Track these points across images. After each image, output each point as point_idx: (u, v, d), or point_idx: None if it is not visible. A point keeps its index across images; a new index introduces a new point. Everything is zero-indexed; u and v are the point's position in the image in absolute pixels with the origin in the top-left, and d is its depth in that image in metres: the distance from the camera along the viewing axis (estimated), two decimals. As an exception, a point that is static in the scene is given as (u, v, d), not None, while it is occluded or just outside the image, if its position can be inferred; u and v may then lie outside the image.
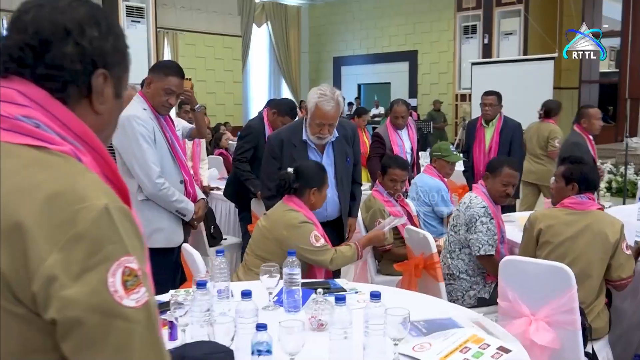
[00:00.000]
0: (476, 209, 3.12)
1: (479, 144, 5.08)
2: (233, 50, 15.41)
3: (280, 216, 2.78)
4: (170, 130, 3.16)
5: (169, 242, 3.06)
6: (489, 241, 3.08)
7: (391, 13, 16.83)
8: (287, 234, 2.70)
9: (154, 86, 3.02)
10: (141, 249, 0.90)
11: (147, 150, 2.94)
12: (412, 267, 3.11)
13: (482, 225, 3.08)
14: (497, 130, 5.03)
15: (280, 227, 2.73)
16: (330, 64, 18.75)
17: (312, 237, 2.70)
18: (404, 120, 4.99)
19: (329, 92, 3.02)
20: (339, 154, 3.21)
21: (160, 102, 3.02)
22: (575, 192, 2.82)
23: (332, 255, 2.75)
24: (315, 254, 2.71)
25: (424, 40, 16.14)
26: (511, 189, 3.19)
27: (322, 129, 3.04)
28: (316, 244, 2.71)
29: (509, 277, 2.57)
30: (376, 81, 17.78)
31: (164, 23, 13.56)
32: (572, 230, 2.73)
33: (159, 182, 2.95)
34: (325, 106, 2.99)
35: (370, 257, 3.75)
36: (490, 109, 5.03)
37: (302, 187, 2.80)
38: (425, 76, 16.33)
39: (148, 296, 0.87)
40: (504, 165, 3.21)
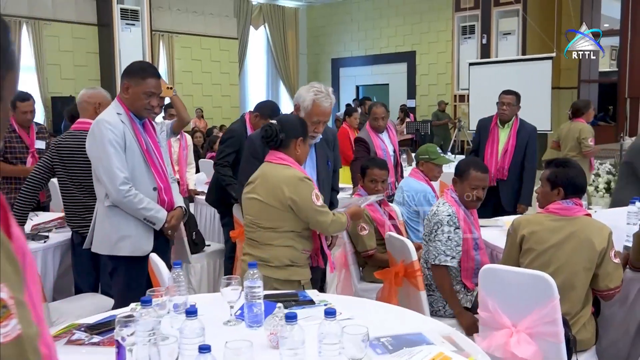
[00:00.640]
0: (440, 216, 3.00)
1: (492, 144, 4.85)
2: (230, 53, 15.32)
3: (276, 176, 2.65)
4: (149, 136, 3.06)
5: (136, 251, 2.96)
6: (446, 251, 2.95)
7: (389, 14, 16.72)
8: (290, 193, 2.59)
9: (133, 91, 2.94)
10: (15, 273, 0.78)
11: (112, 155, 2.85)
12: (392, 276, 2.99)
13: (443, 233, 2.97)
14: (514, 132, 4.83)
15: (281, 186, 2.61)
16: (329, 65, 18.63)
17: (313, 195, 2.62)
18: (384, 122, 4.86)
19: (324, 89, 2.98)
20: (321, 157, 3.12)
21: (142, 106, 2.95)
22: (561, 197, 2.69)
23: (332, 217, 2.67)
24: (319, 213, 2.62)
25: (422, 40, 16.02)
26: (481, 192, 3.05)
27: (317, 126, 2.97)
28: (317, 203, 2.62)
29: (489, 286, 2.45)
30: (374, 82, 17.66)
31: (159, 26, 13.48)
32: (556, 237, 2.60)
33: (122, 189, 2.85)
34: (324, 102, 2.94)
35: (353, 264, 3.64)
36: (507, 108, 4.80)
37: (288, 137, 2.69)
38: (423, 77, 16.21)
39: (21, 329, 0.75)
40: (470, 167, 3.07)
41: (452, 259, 2.94)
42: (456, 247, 2.95)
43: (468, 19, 14.18)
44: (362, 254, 3.56)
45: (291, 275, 2.67)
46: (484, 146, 4.91)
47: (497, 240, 3.27)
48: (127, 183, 2.87)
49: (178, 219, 3.14)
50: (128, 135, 2.93)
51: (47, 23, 11.78)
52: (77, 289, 3.50)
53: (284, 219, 2.63)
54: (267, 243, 2.67)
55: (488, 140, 4.87)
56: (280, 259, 2.65)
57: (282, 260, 2.65)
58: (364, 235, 3.51)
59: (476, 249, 3.02)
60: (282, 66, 17.90)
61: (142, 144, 2.97)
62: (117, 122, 2.91)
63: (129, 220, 2.94)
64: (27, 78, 11.58)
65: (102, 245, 3.01)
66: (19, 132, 4.49)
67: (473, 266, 2.97)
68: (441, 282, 2.95)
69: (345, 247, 3.62)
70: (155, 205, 2.99)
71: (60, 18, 11.99)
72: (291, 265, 2.67)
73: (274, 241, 2.66)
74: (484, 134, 4.95)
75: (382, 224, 3.57)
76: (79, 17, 12.26)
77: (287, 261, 2.66)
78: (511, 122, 4.87)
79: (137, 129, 2.97)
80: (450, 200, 3.05)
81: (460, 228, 2.99)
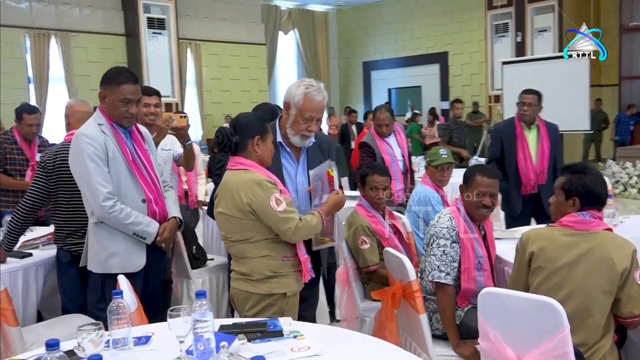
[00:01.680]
0: (438, 229, 2.71)
1: (523, 149, 4.45)
2: (258, 59, 15.19)
3: (233, 183, 2.40)
4: (136, 145, 2.88)
5: (126, 268, 2.76)
6: (440, 267, 2.65)
7: (420, 15, 16.36)
8: (246, 197, 2.34)
9: (109, 100, 2.78)
10: None
11: (93, 171, 2.68)
12: (389, 297, 2.70)
13: (438, 247, 2.67)
14: (545, 133, 4.48)
15: (238, 192, 2.36)
16: (360, 69, 18.37)
17: (272, 200, 2.33)
18: (388, 129, 4.52)
19: (316, 83, 2.70)
20: (313, 162, 2.82)
21: (120, 115, 2.77)
22: (577, 209, 2.36)
23: (297, 224, 2.37)
24: (279, 220, 2.34)
25: (455, 41, 15.60)
26: (489, 200, 2.74)
27: (310, 124, 2.68)
28: (277, 209, 2.33)
29: (489, 312, 2.14)
30: (407, 85, 17.29)
31: (186, 34, 13.45)
32: (570, 255, 2.27)
33: (105, 205, 2.67)
34: (317, 97, 2.66)
35: (356, 281, 3.35)
36: (529, 109, 4.46)
37: (243, 139, 2.43)
38: (456, 78, 15.77)
39: None
40: (476, 173, 2.77)
41: (447, 275, 2.64)
42: (451, 263, 2.65)
43: (501, 17, 13.74)
44: (364, 270, 3.28)
45: (274, 288, 2.43)
46: (513, 152, 4.50)
47: (510, 255, 2.94)
48: (111, 198, 2.69)
49: (171, 230, 2.95)
50: (111, 146, 2.75)
51: (75, 35, 11.85)
52: (64, 310, 3.32)
53: (250, 228, 2.39)
54: (244, 256, 2.45)
55: (517, 145, 4.48)
56: (260, 271, 2.42)
57: (262, 273, 2.42)
58: (365, 250, 3.23)
59: (479, 269, 2.70)
60: (312, 71, 17.71)
61: (126, 155, 2.79)
62: (96, 134, 2.74)
63: (116, 235, 2.77)
64: (56, 89, 11.70)
65: (93, 262, 2.84)
66: (20, 144, 4.39)
67: (474, 288, 2.65)
68: (443, 306, 2.64)
69: (347, 263, 3.34)
70: (144, 218, 2.81)
71: (88, 29, 12.05)
72: (273, 276, 2.43)
73: (249, 253, 2.43)
74: (507, 139, 4.55)
75: (385, 237, 3.28)
76: (106, 27, 12.31)
77: (268, 272, 2.42)
78: (536, 122, 4.52)
79: (120, 139, 2.80)
80: (454, 211, 2.75)
81: (459, 243, 2.68)
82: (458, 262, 2.67)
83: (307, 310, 2.88)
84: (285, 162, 2.75)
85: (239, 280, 2.48)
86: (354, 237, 3.25)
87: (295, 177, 2.75)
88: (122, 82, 2.74)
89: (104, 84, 2.77)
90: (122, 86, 2.73)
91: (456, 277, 2.68)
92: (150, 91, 3.83)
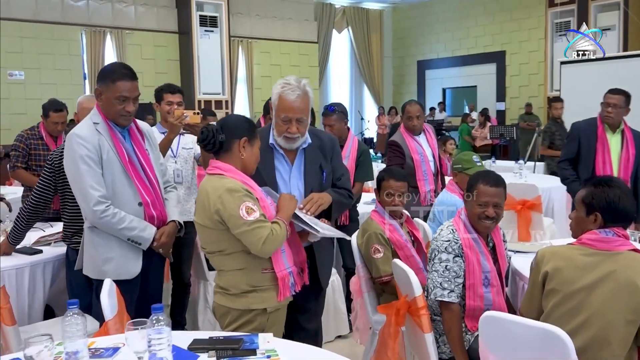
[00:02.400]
0: (439, 242, 2.50)
1: (604, 152, 4.14)
2: (309, 57, 15.10)
3: (205, 190, 2.24)
4: (135, 145, 2.78)
5: (121, 274, 2.67)
6: (443, 283, 2.44)
7: (477, 12, 15.85)
8: (214, 205, 2.17)
9: (105, 97, 2.68)
10: None
11: (85, 173, 2.59)
12: (393, 312, 2.51)
13: (440, 263, 2.45)
14: (631, 139, 4.15)
15: (208, 200, 2.20)
16: (414, 68, 17.98)
17: (242, 208, 2.14)
18: (419, 122, 4.30)
19: (294, 81, 2.51)
20: (311, 164, 2.63)
21: (116, 113, 2.67)
22: (599, 225, 2.11)
23: (268, 235, 2.15)
24: (248, 231, 2.13)
25: (513, 39, 15.02)
26: (492, 211, 2.51)
27: (289, 126, 2.48)
28: (247, 218, 2.13)
29: (491, 338, 1.93)
30: (462, 85, 16.81)
31: (238, 31, 13.51)
32: (589, 277, 2.03)
33: (97, 209, 2.58)
34: (290, 95, 2.46)
35: (368, 291, 3.17)
36: (613, 110, 4.11)
37: (229, 138, 2.28)
38: (514, 78, 15.19)
39: None
40: (479, 180, 2.55)
41: (451, 292, 2.43)
42: (455, 279, 2.44)
43: (563, 14, 13.16)
44: (377, 280, 3.09)
45: (252, 303, 2.25)
46: (592, 154, 4.18)
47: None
48: (103, 202, 2.60)
49: (169, 235, 2.82)
50: (105, 146, 2.66)
51: (130, 32, 12.08)
52: (72, 308, 3.29)
53: (223, 238, 2.23)
54: (220, 269, 2.30)
55: (597, 147, 4.15)
56: (238, 285, 2.25)
57: (239, 287, 2.25)
58: (378, 259, 3.04)
59: (486, 284, 2.47)
60: (366, 70, 17.49)
61: (122, 155, 2.69)
62: (90, 134, 2.65)
63: (111, 241, 2.68)
64: (110, 86, 11.94)
65: (88, 267, 2.78)
66: (46, 139, 4.43)
67: (481, 306, 2.43)
68: (449, 326, 2.43)
69: (359, 272, 3.16)
70: (140, 223, 2.70)
71: (143, 27, 12.27)
72: (251, 290, 2.25)
73: (225, 266, 2.28)
74: (586, 140, 4.21)
75: (400, 245, 3.08)
76: (160, 25, 12.50)
77: (246, 287, 2.25)
78: (621, 127, 4.17)
79: (116, 139, 2.69)
80: (457, 222, 2.53)
81: (463, 257, 2.46)
82: (463, 278, 2.45)
83: (310, 321, 2.72)
84: (278, 165, 2.59)
85: (218, 293, 2.34)
86: (367, 245, 3.07)
87: (289, 180, 2.59)
88: (118, 79, 2.62)
89: (99, 80, 2.68)
90: (117, 83, 2.62)
91: (462, 294, 2.47)
92: (173, 89, 3.76)
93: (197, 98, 12.37)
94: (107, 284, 2.26)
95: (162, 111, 3.70)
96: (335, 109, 4.19)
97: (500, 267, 2.58)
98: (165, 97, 3.68)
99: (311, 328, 2.72)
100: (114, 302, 2.20)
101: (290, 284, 2.30)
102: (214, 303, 2.38)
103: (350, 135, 4.23)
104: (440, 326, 2.53)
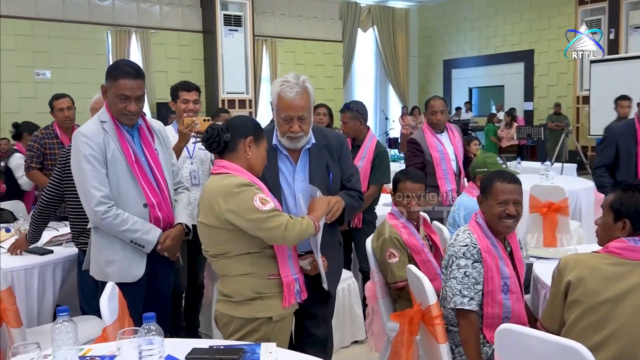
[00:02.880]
0: (456, 247, 2.37)
1: None
2: (334, 56, 15.00)
3: (212, 189, 2.17)
4: (144, 144, 2.71)
5: (123, 277, 2.60)
6: (462, 291, 2.31)
7: (505, 11, 15.56)
8: (226, 204, 2.09)
9: (109, 95, 2.62)
10: None
11: (88, 173, 2.53)
12: (406, 321, 2.40)
13: (459, 269, 2.32)
14: None
15: (216, 199, 2.12)
16: (440, 67, 17.75)
17: (255, 200, 2.07)
18: (442, 117, 4.17)
19: (292, 78, 2.41)
20: (316, 164, 2.53)
21: (118, 112, 2.61)
22: (627, 233, 1.98)
23: (287, 220, 2.09)
24: (267, 219, 2.06)
25: (541, 38, 14.70)
26: (513, 208, 2.39)
27: (291, 125, 2.39)
28: (263, 208, 2.07)
29: (507, 351, 1.81)
30: (488, 84, 16.53)
31: (263, 30, 13.48)
32: (615, 288, 1.90)
33: (98, 210, 2.51)
34: (288, 93, 2.36)
35: (383, 297, 3.06)
36: None
37: (235, 138, 2.21)
38: (542, 77, 14.87)
39: None
40: (494, 180, 2.43)
41: (471, 300, 2.30)
42: (475, 286, 2.31)
43: (593, 12, 12.84)
44: (392, 286, 2.98)
45: (257, 311, 2.15)
46: (633, 158, 3.94)
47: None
48: (105, 203, 2.53)
49: (174, 238, 2.73)
50: (111, 145, 2.59)
51: (155, 32, 12.14)
52: (82, 311, 3.25)
53: (229, 240, 2.14)
54: (223, 274, 2.21)
55: (639, 150, 3.91)
56: (242, 292, 2.16)
57: (244, 294, 2.16)
58: (394, 264, 2.93)
59: (505, 291, 2.34)
60: (391, 69, 17.31)
61: (128, 155, 2.62)
62: (96, 132, 2.59)
63: (114, 242, 2.61)
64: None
65: (93, 269, 2.72)
66: (60, 137, 4.40)
67: (500, 313, 2.31)
68: (467, 336, 2.31)
69: (374, 277, 3.05)
70: (143, 225, 2.63)
71: (167, 26, 12.32)
72: (256, 297, 2.16)
73: (228, 271, 2.19)
74: (624, 144, 3.97)
75: (417, 250, 2.97)
76: (184, 24, 12.54)
77: (251, 294, 2.16)
78: None
79: (123, 138, 2.63)
80: (474, 226, 2.41)
81: (482, 262, 2.33)
82: (482, 285, 2.33)
83: (319, 327, 2.62)
84: (282, 166, 2.50)
85: (221, 301, 2.25)
86: (382, 249, 2.96)
87: (293, 181, 2.49)
88: (120, 77, 2.55)
89: (106, 77, 2.62)
90: (119, 80, 2.55)
91: (480, 302, 2.35)
92: (189, 86, 3.67)
93: (221, 97, 12.37)
94: (109, 287, 2.19)
95: (178, 110, 3.64)
96: (351, 107, 4.09)
97: (519, 273, 2.45)
98: (180, 95, 3.61)
99: (320, 334, 2.61)
100: (114, 306, 2.13)
101: (296, 291, 2.21)
102: (215, 312, 2.29)
103: (368, 135, 4.11)
104: (457, 337, 2.41)
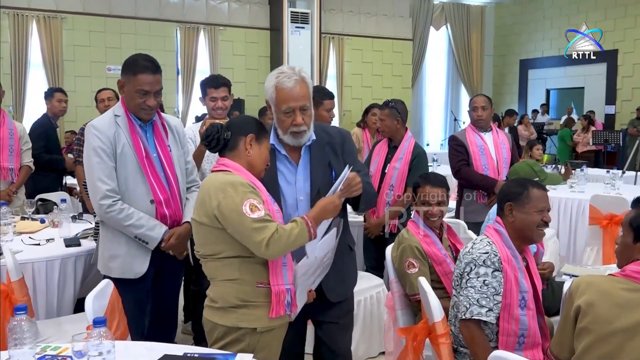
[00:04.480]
0: (475, 255, 2.17)
1: None
2: (403, 55, 14.72)
3: (208, 185, 2.08)
4: (157, 140, 2.70)
5: (125, 273, 2.60)
6: (480, 300, 2.11)
7: (588, 8, 14.74)
8: (216, 200, 1.99)
9: (127, 90, 2.62)
10: None
11: (96, 166, 2.54)
12: (410, 338, 2.23)
13: (477, 277, 2.13)
14: None
15: (209, 195, 2.03)
16: (516, 67, 17.07)
17: (245, 205, 1.94)
18: (484, 113, 3.99)
19: (287, 68, 2.29)
20: (318, 161, 2.37)
21: (137, 106, 2.61)
22: (650, 255, 1.73)
23: (271, 234, 1.92)
24: (252, 229, 1.92)
25: (627, 37, 13.81)
26: (548, 216, 2.23)
27: (293, 117, 2.25)
28: (250, 215, 1.93)
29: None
30: (567, 86, 15.73)
31: (330, 28, 13.41)
32: (629, 317, 1.67)
33: (103, 204, 2.52)
34: (287, 83, 2.23)
35: (402, 309, 2.89)
36: None
37: (235, 136, 2.12)
38: (626, 79, 13.97)
39: None
40: (528, 187, 2.23)
41: (489, 311, 2.11)
42: (494, 297, 2.12)
43: (686, 9, 11.92)
44: (411, 298, 2.81)
45: (241, 320, 2.03)
46: None
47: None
48: (111, 197, 2.53)
49: (179, 237, 2.69)
50: (122, 140, 2.59)
51: (222, 29, 12.33)
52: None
53: (219, 239, 2.02)
54: (212, 277, 2.11)
55: None
56: (226, 298, 2.04)
57: (228, 300, 2.04)
58: (413, 275, 2.76)
59: (523, 306, 2.13)
60: (463, 69, 16.79)
61: (138, 150, 2.61)
62: (107, 126, 2.59)
63: (119, 237, 2.61)
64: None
65: (99, 262, 2.74)
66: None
67: (516, 330, 2.10)
68: (475, 350, 2.11)
69: (392, 287, 2.89)
70: (149, 221, 2.60)
71: (235, 23, 12.49)
72: (242, 305, 2.03)
73: (217, 274, 2.08)
74: None
75: (439, 260, 2.79)
76: (252, 21, 12.67)
77: (236, 301, 2.03)
78: None
79: (135, 133, 2.62)
80: (493, 235, 2.21)
81: (502, 271, 2.13)
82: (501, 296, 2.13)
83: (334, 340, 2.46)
84: (281, 167, 2.37)
85: (206, 306, 2.15)
86: (401, 259, 2.80)
87: (295, 183, 2.36)
88: (139, 72, 2.55)
89: (122, 72, 2.62)
90: (138, 76, 2.54)
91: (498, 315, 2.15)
92: (216, 82, 3.59)
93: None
94: (101, 285, 2.16)
95: (207, 107, 3.59)
96: (390, 104, 3.97)
97: (537, 288, 2.24)
98: (209, 92, 3.56)
99: (337, 347, 2.46)
100: (102, 304, 2.10)
101: (286, 303, 2.05)
102: (203, 317, 2.20)
103: (406, 136, 3.95)
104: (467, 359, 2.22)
